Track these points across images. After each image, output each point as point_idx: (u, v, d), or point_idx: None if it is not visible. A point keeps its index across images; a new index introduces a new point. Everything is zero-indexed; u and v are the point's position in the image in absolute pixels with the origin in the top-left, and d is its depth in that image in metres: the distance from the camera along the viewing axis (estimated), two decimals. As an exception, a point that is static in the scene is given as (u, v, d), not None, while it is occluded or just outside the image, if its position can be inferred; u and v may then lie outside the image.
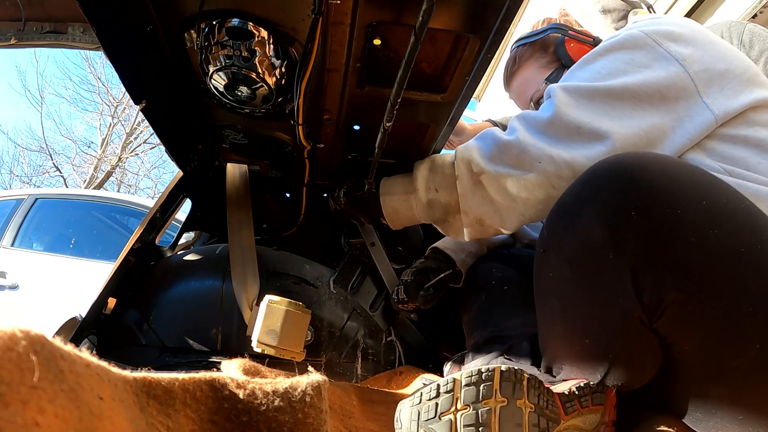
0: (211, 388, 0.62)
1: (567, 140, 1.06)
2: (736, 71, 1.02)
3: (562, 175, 1.05)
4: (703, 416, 0.80)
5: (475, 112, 8.13)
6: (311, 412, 0.66)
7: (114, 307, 1.60)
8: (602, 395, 0.87)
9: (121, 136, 16.64)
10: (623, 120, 1.02)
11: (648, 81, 1.03)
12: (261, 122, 1.31)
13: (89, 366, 0.43)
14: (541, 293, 0.97)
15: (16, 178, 17.02)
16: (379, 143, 1.13)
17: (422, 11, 0.78)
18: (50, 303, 3.75)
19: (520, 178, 1.09)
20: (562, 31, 1.51)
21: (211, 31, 0.99)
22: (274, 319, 1.22)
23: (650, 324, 0.77)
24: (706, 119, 1.00)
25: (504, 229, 1.20)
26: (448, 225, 1.32)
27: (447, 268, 1.56)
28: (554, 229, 0.90)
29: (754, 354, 0.71)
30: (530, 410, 0.79)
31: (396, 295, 1.60)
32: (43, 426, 0.33)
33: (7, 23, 1.72)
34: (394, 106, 1.00)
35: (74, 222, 4.68)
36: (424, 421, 0.79)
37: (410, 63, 0.89)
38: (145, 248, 1.64)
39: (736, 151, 0.99)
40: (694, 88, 1.01)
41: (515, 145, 1.11)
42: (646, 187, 0.76)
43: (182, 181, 1.61)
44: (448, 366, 1.49)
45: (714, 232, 0.72)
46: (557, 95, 1.09)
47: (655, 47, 1.05)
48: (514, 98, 1.68)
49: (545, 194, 1.08)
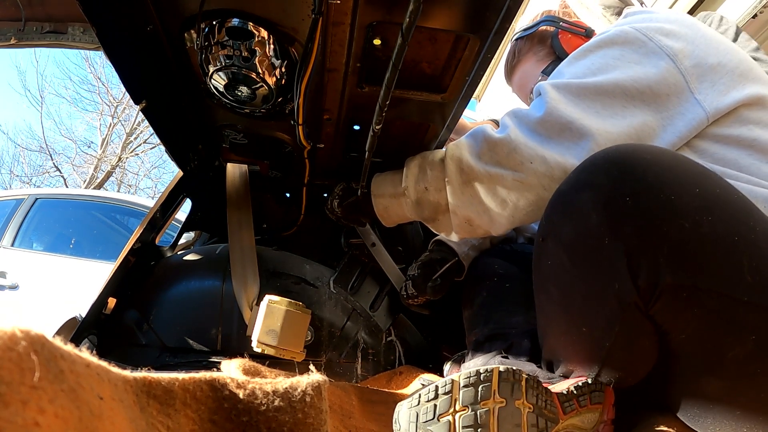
0: (211, 388, 0.62)
1: (557, 139, 1.05)
2: (729, 65, 1.01)
3: (554, 176, 1.04)
4: (701, 412, 0.81)
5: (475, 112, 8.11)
6: (311, 412, 0.66)
7: (114, 307, 1.60)
8: (601, 394, 0.87)
9: (121, 136, 16.65)
10: (614, 118, 1.02)
11: (638, 77, 1.03)
12: (261, 122, 1.31)
13: (89, 366, 0.43)
14: (540, 283, 0.97)
15: (16, 178, 17.03)
16: (369, 146, 1.13)
17: (409, 12, 0.79)
18: (50, 303, 3.75)
19: (510, 179, 1.09)
20: (555, 23, 1.51)
21: (211, 31, 0.99)
22: (274, 319, 1.22)
23: (646, 309, 0.77)
24: (697, 116, 1.00)
25: (493, 230, 1.20)
26: (438, 223, 1.31)
27: (452, 258, 1.56)
28: (552, 217, 0.90)
29: (750, 345, 0.72)
30: (529, 410, 0.79)
31: (405, 291, 1.60)
32: (43, 426, 0.33)
33: (7, 23, 1.72)
34: (382, 108, 1.00)
35: (74, 222, 4.69)
36: (422, 422, 0.79)
37: (397, 64, 0.89)
38: (145, 248, 1.64)
39: (727, 152, 0.99)
40: (685, 84, 1.01)
41: (506, 143, 1.10)
42: (641, 174, 0.77)
43: (182, 181, 1.61)
44: (448, 366, 1.49)
45: (708, 218, 0.73)
46: (548, 92, 1.08)
47: (646, 42, 1.05)
48: (516, 91, 1.68)
49: (536, 196, 1.08)
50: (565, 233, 0.86)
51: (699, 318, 0.74)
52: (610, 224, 0.78)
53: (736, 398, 0.76)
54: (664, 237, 0.73)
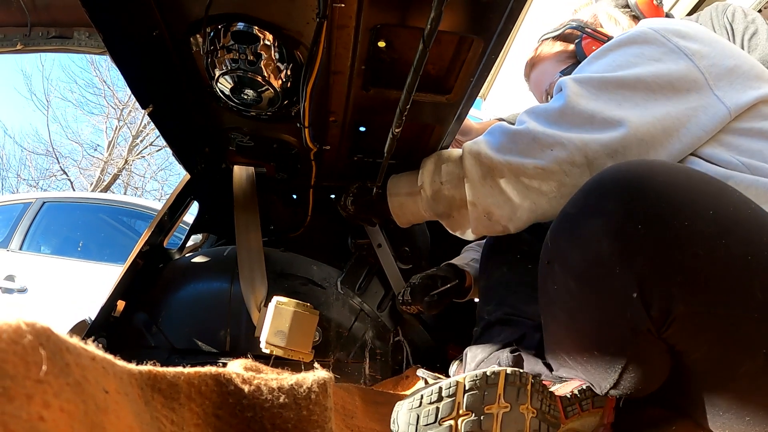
0: (217, 382, 0.62)
1: (578, 127, 1.04)
2: (743, 67, 1.01)
3: (575, 162, 1.03)
4: (711, 416, 0.80)
5: (480, 111, 8.12)
6: (316, 410, 0.65)
7: (123, 310, 1.61)
8: (603, 398, 0.86)
9: (127, 138, 16.71)
10: (636, 109, 1.01)
11: (659, 72, 1.02)
12: (267, 125, 1.31)
13: (95, 359, 0.43)
14: (546, 304, 0.95)
15: (24, 182, 17.11)
16: (388, 148, 1.13)
17: (430, 19, 0.78)
18: (59, 306, 3.77)
19: (531, 167, 1.07)
20: (581, 29, 1.51)
21: (216, 36, 1.00)
22: (283, 320, 1.22)
23: (659, 334, 0.75)
24: (720, 111, 0.99)
25: (512, 223, 1.16)
26: (453, 220, 1.30)
27: (455, 279, 1.56)
28: (558, 241, 0.88)
29: (762, 360, 0.71)
30: (532, 415, 0.78)
31: (401, 296, 1.60)
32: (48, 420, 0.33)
33: (13, 29, 1.73)
34: (402, 112, 1.00)
35: (82, 225, 4.71)
36: (423, 425, 0.77)
37: (419, 70, 0.88)
38: (153, 251, 1.65)
39: (752, 144, 0.98)
40: (704, 81, 1.00)
41: (525, 134, 1.09)
42: (654, 199, 0.74)
43: (189, 183, 1.62)
44: (455, 366, 1.49)
45: (722, 242, 0.71)
46: (568, 86, 1.08)
47: (665, 42, 1.05)
48: (532, 89, 1.68)
49: (558, 182, 1.06)
50: (572, 259, 0.83)
51: (712, 339, 0.73)
52: (622, 254, 0.75)
53: (747, 406, 0.76)
54: (678, 267, 0.71)
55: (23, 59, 21.38)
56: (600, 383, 0.86)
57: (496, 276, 1.33)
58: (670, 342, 0.77)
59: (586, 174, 1.03)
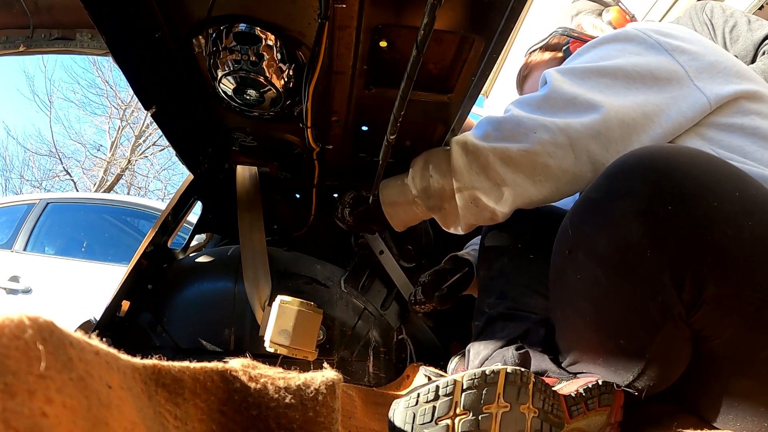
0: (222, 378, 0.62)
1: (561, 111, 1.07)
2: (725, 63, 1.04)
3: (558, 143, 1.04)
4: (724, 409, 0.80)
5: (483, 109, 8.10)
6: (323, 411, 0.65)
7: (128, 310, 1.62)
8: (610, 396, 0.84)
9: (130, 138, 16.70)
10: (617, 96, 1.04)
11: (640, 63, 1.06)
12: (270, 125, 1.32)
13: (98, 353, 0.43)
14: (565, 296, 0.94)
15: (27, 183, 17.14)
16: (383, 156, 1.13)
17: (423, 24, 0.78)
18: (64, 306, 3.77)
19: (515, 149, 1.09)
20: (568, 34, 1.53)
21: (219, 37, 1.00)
22: (287, 319, 1.22)
23: (687, 318, 0.75)
24: (700, 100, 1.01)
25: (499, 209, 1.16)
26: (445, 213, 1.29)
27: (463, 269, 1.56)
28: (582, 228, 0.87)
29: None
30: (534, 415, 0.76)
31: (413, 297, 1.60)
32: (50, 416, 0.32)
33: (15, 30, 1.74)
34: (397, 119, 1.00)
35: (85, 225, 4.71)
36: (419, 424, 0.75)
37: (413, 76, 0.89)
38: (157, 251, 1.66)
39: (733, 140, 0.99)
40: (684, 73, 1.03)
41: (510, 119, 1.12)
42: (681, 179, 0.74)
43: (193, 184, 1.63)
44: (454, 362, 1.49)
45: (749, 224, 0.71)
46: (552, 76, 1.12)
47: (646, 39, 1.09)
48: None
49: (543, 163, 1.07)
50: (600, 245, 0.82)
51: (737, 323, 0.73)
52: (653, 235, 0.74)
53: (761, 396, 0.76)
54: (708, 246, 0.71)
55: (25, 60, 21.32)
56: (623, 375, 0.85)
57: (496, 267, 1.28)
58: (696, 327, 0.76)
59: (570, 155, 1.04)
